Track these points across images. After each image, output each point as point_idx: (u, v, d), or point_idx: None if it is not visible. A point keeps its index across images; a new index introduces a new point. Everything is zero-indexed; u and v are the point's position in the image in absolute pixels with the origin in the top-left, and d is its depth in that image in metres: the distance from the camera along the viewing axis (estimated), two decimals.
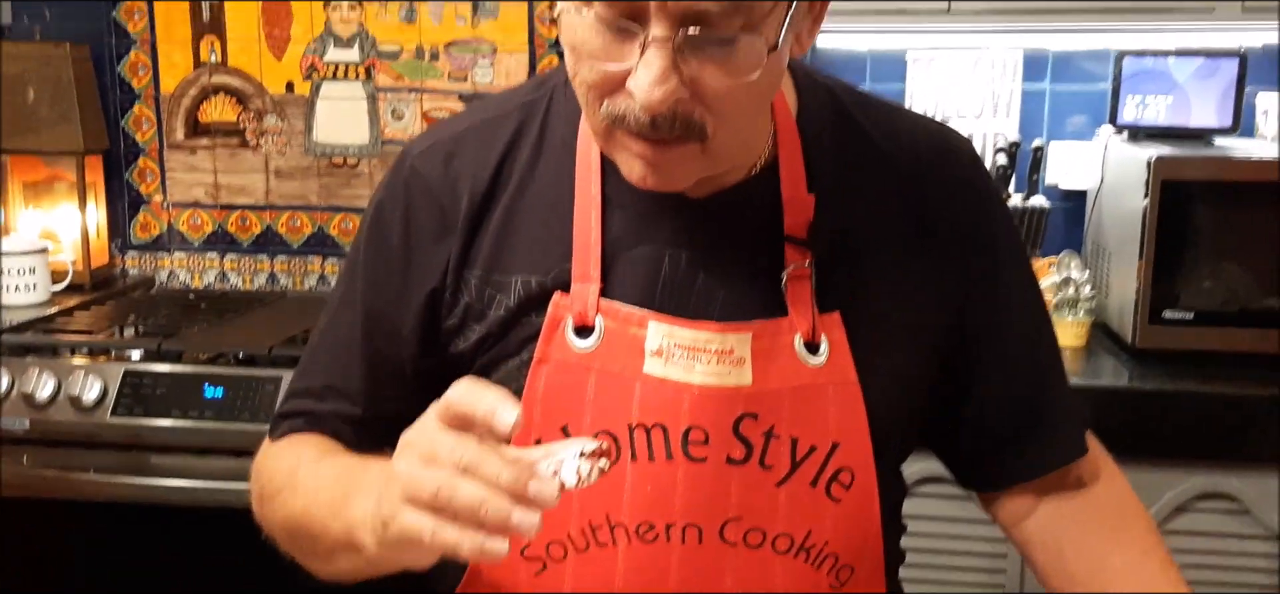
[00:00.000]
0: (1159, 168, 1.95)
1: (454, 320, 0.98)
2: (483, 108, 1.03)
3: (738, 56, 0.79)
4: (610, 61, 0.80)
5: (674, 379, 0.91)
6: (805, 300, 0.93)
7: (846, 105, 1.00)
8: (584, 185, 0.94)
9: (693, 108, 0.81)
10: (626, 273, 0.93)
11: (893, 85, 2.38)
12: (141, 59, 2.58)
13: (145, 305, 2.42)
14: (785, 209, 0.94)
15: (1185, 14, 2.00)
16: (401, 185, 1.00)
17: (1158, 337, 1.99)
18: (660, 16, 0.76)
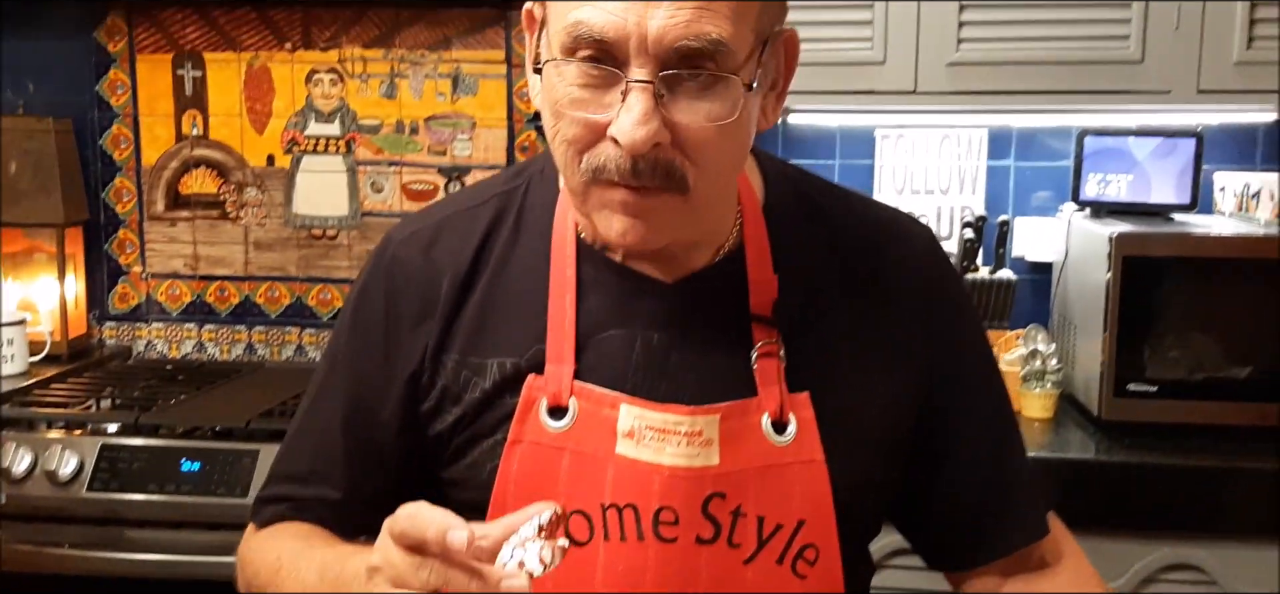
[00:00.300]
0: (1120, 244, 2.00)
1: (431, 403, 1.00)
2: (462, 197, 1.07)
3: (715, 97, 0.84)
4: (592, 111, 0.84)
5: (645, 460, 0.94)
6: (774, 380, 0.96)
7: (810, 194, 1.05)
8: (559, 270, 0.98)
9: (673, 155, 0.85)
10: (600, 355, 0.96)
11: (862, 161, 2.44)
12: (124, 132, 2.61)
13: (122, 376, 2.42)
14: (752, 290, 0.98)
15: (1143, 96, 2.07)
16: (383, 272, 1.04)
17: (1123, 409, 2.03)
18: (641, 59, 0.81)
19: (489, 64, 2.50)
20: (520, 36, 2.48)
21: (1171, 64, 2.04)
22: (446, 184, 2.55)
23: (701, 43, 0.81)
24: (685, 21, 0.81)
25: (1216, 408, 2.02)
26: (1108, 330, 2.02)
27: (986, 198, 2.42)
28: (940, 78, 2.09)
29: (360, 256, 2.58)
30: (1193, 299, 2.04)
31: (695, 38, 0.81)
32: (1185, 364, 2.03)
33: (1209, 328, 2.03)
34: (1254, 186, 2.15)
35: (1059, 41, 2.06)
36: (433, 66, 2.52)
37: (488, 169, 2.53)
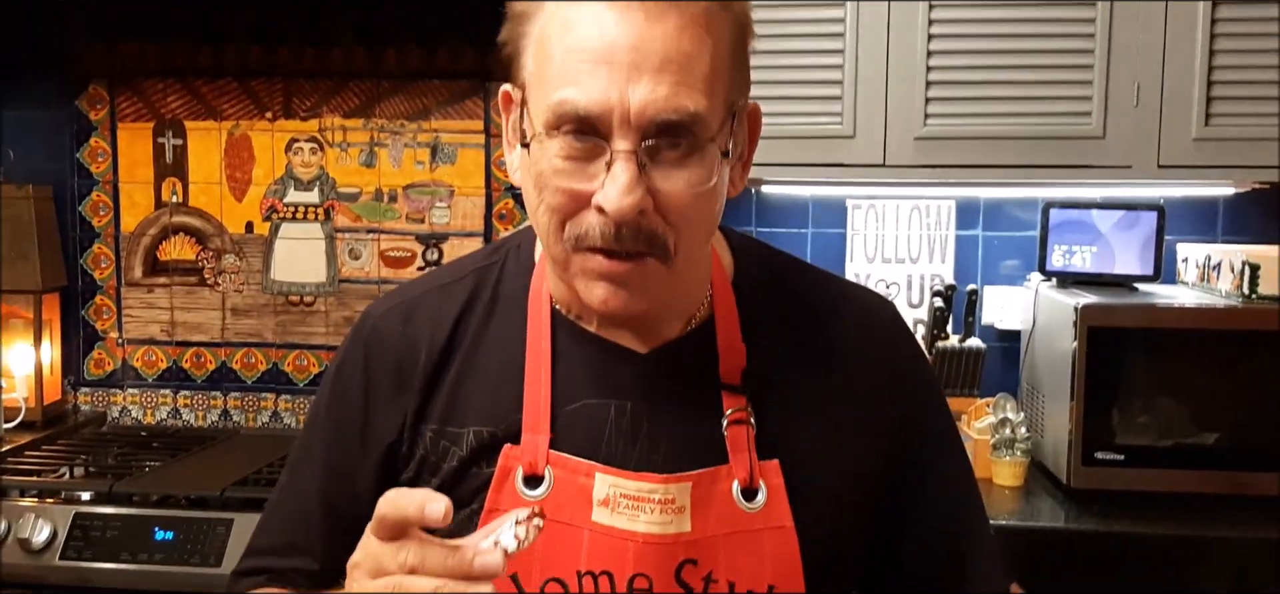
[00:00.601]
0: (1085, 314, 2.04)
1: (410, 473, 1.02)
2: (441, 273, 1.10)
3: (694, 165, 0.88)
4: (577, 182, 0.88)
5: (620, 528, 0.96)
6: (744, 447, 0.99)
7: (776, 269, 1.09)
8: (535, 341, 1.01)
9: (655, 221, 0.89)
10: (575, 425, 0.99)
11: (834, 229, 2.48)
12: (103, 199, 2.63)
13: (96, 444, 2.42)
14: (722, 359, 1.01)
15: (1104, 171, 2.12)
16: (362, 346, 1.06)
17: (1091, 478, 2.06)
18: (624, 131, 0.86)
19: (468, 133, 2.54)
20: (499, 108, 2.52)
21: (1132, 140, 2.10)
22: (424, 251, 2.58)
23: (680, 116, 0.86)
24: (665, 96, 0.85)
25: (1184, 476, 2.05)
26: (1074, 399, 2.05)
27: (955, 266, 2.47)
28: (908, 151, 2.14)
29: (337, 323, 2.60)
30: (1158, 369, 2.08)
31: (674, 111, 0.86)
32: (1152, 432, 2.07)
33: (1175, 397, 2.07)
34: (1215, 258, 2.20)
35: (1022, 118, 2.12)
36: (412, 136, 2.56)
37: (465, 236, 2.56)
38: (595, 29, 0.86)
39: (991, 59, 2.12)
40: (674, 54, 0.86)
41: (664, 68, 0.85)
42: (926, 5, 2.11)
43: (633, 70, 0.85)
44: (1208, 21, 2.07)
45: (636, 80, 0.85)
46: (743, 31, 0.93)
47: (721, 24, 0.90)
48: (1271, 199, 2.38)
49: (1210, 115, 2.09)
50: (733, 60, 0.91)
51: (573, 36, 0.87)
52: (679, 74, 0.86)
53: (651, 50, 0.85)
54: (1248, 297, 2.07)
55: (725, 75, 0.90)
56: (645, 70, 0.85)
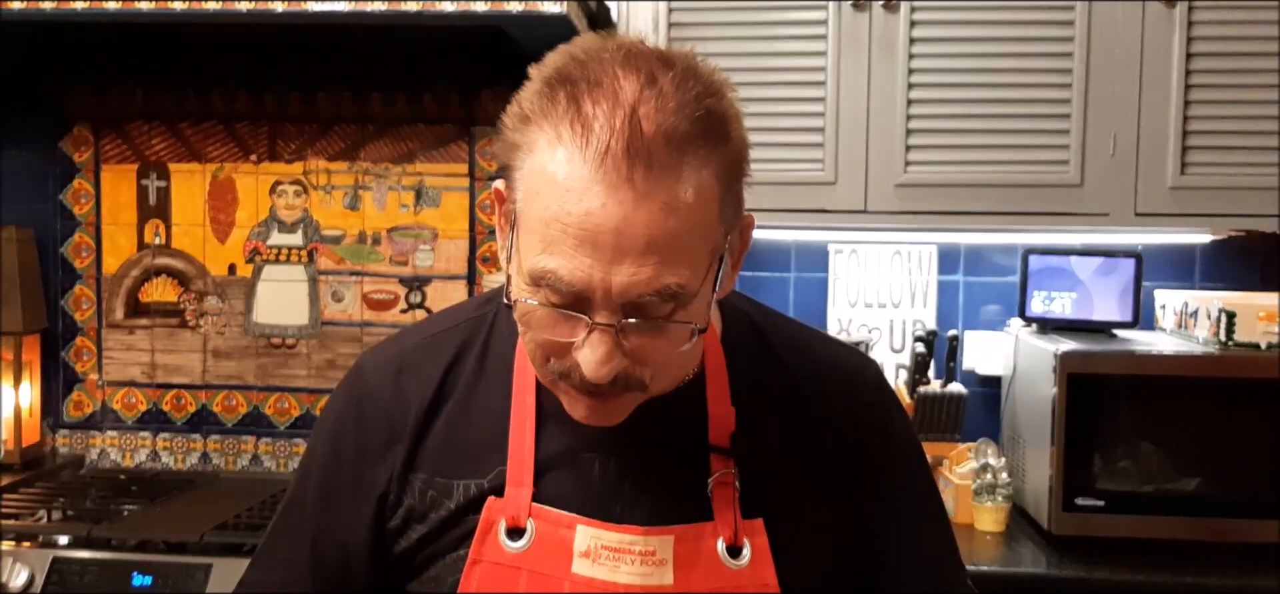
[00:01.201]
0: (1065, 361, 2.06)
1: (397, 521, 1.03)
2: (432, 322, 1.12)
3: (671, 334, 0.89)
4: (559, 336, 0.90)
5: (601, 579, 0.97)
6: (729, 505, 0.99)
7: (764, 330, 1.10)
8: (521, 396, 1.02)
9: (635, 370, 0.91)
10: (558, 479, 1.00)
11: (816, 274, 2.50)
12: (85, 240, 2.62)
13: (75, 487, 2.39)
14: (711, 421, 1.02)
15: (1083, 219, 2.15)
16: (355, 402, 1.08)
17: (1072, 524, 2.07)
18: (604, 307, 0.87)
19: (452, 177, 2.55)
20: (484, 151, 2.54)
21: (1109, 189, 2.13)
22: (407, 294, 2.58)
23: (662, 291, 0.86)
24: (646, 279, 0.85)
25: (1164, 523, 2.06)
26: (1055, 445, 2.06)
27: (937, 312, 2.48)
28: (889, 198, 2.16)
29: (319, 365, 2.59)
30: (1138, 415, 2.10)
31: (656, 292, 0.86)
32: (1133, 479, 2.08)
33: (1155, 443, 2.09)
34: (1192, 305, 2.22)
35: (1001, 165, 2.15)
36: (396, 179, 2.57)
37: (449, 279, 2.57)
38: (582, 205, 0.84)
39: (971, 108, 2.15)
40: (659, 236, 0.84)
41: (648, 251, 0.84)
42: (907, 55, 2.14)
43: (616, 253, 0.84)
44: (1182, 73, 2.10)
45: (619, 263, 0.85)
46: (735, 170, 0.91)
47: (711, 182, 0.87)
48: (1247, 247, 2.42)
49: (1186, 165, 2.12)
50: (722, 207, 0.90)
51: (559, 206, 0.85)
52: (662, 255, 0.85)
53: (636, 234, 0.84)
54: (1225, 343, 2.09)
55: (713, 231, 0.89)
56: (629, 254, 0.84)
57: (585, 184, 0.84)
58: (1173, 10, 2.10)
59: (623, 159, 0.83)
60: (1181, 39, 2.10)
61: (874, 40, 2.14)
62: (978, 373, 2.48)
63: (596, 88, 0.85)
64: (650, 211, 0.84)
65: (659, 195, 0.84)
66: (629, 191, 0.83)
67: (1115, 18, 2.11)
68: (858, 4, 2.13)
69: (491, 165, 2.54)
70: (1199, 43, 2.11)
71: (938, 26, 2.14)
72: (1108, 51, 2.11)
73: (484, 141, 2.54)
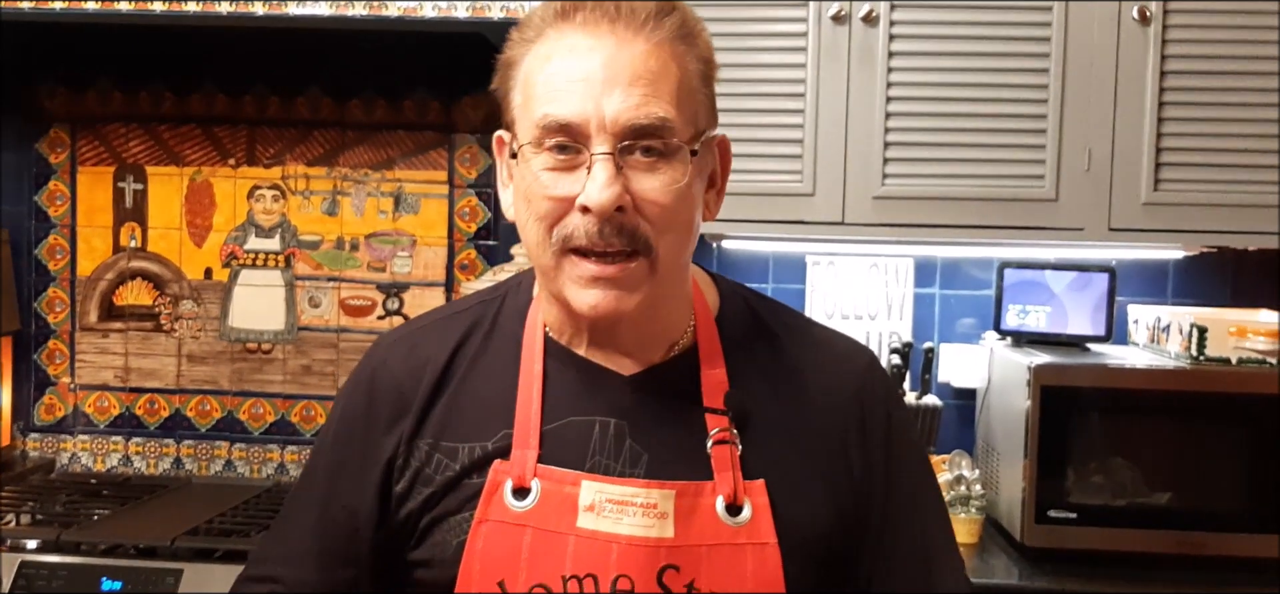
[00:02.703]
0: (1039, 374, 2.08)
1: (403, 485, 1.07)
2: (445, 308, 1.19)
3: (666, 167, 0.98)
4: (561, 188, 0.98)
5: (604, 531, 1.00)
6: (728, 465, 1.03)
7: (760, 311, 1.15)
8: (527, 364, 1.08)
9: (636, 220, 0.98)
10: (562, 440, 1.05)
11: (794, 286, 2.51)
12: (60, 243, 2.60)
13: (44, 491, 2.37)
14: (704, 383, 1.06)
15: (1057, 233, 2.17)
16: (368, 375, 1.13)
17: (1044, 536, 2.08)
18: (601, 137, 0.97)
19: (431, 184, 2.55)
20: (463, 158, 2.54)
21: (1084, 203, 2.15)
22: (385, 300, 2.57)
23: (651, 120, 0.97)
24: (635, 104, 0.97)
25: (1136, 536, 2.07)
26: (1028, 457, 2.08)
27: (913, 324, 2.50)
28: (866, 210, 2.17)
29: (295, 371, 2.58)
30: (1110, 428, 2.11)
31: (645, 118, 0.97)
32: (1105, 492, 2.09)
33: (1127, 457, 2.10)
34: (1165, 320, 2.25)
35: (977, 179, 2.16)
36: (375, 185, 2.56)
37: (427, 286, 2.56)
38: (571, 55, 0.98)
39: (948, 122, 2.16)
40: (642, 71, 0.97)
41: (634, 81, 0.97)
42: (885, 68, 2.16)
43: (606, 84, 0.96)
44: (1156, 89, 2.13)
45: (610, 92, 0.96)
46: (707, 67, 1.04)
47: (685, 56, 1.01)
48: (1219, 263, 2.45)
49: (1159, 181, 2.14)
50: (700, 90, 1.02)
51: (552, 65, 0.99)
52: (648, 87, 0.97)
53: (622, 67, 0.97)
54: (1196, 358, 2.11)
55: (691, 98, 1.01)
56: (618, 84, 0.96)
57: (573, 42, 0.98)
58: (1148, 28, 2.12)
59: (603, 20, 0.99)
60: (1156, 56, 2.13)
61: (853, 53, 2.16)
62: (953, 385, 2.49)
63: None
64: (634, 52, 0.98)
65: (640, 42, 0.98)
66: (612, 37, 0.98)
67: (1091, 34, 2.13)
68: (837, 17, 2.15)
69: (471, 172, 2.54)
70: (1173, 60, 2.13)
71: (916, 40, 2.16)
72: (1083, 68, 2.14)
73: (464, 148, 2.54)
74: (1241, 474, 2.07)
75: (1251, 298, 2.42)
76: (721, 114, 1.09)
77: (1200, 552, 2.05)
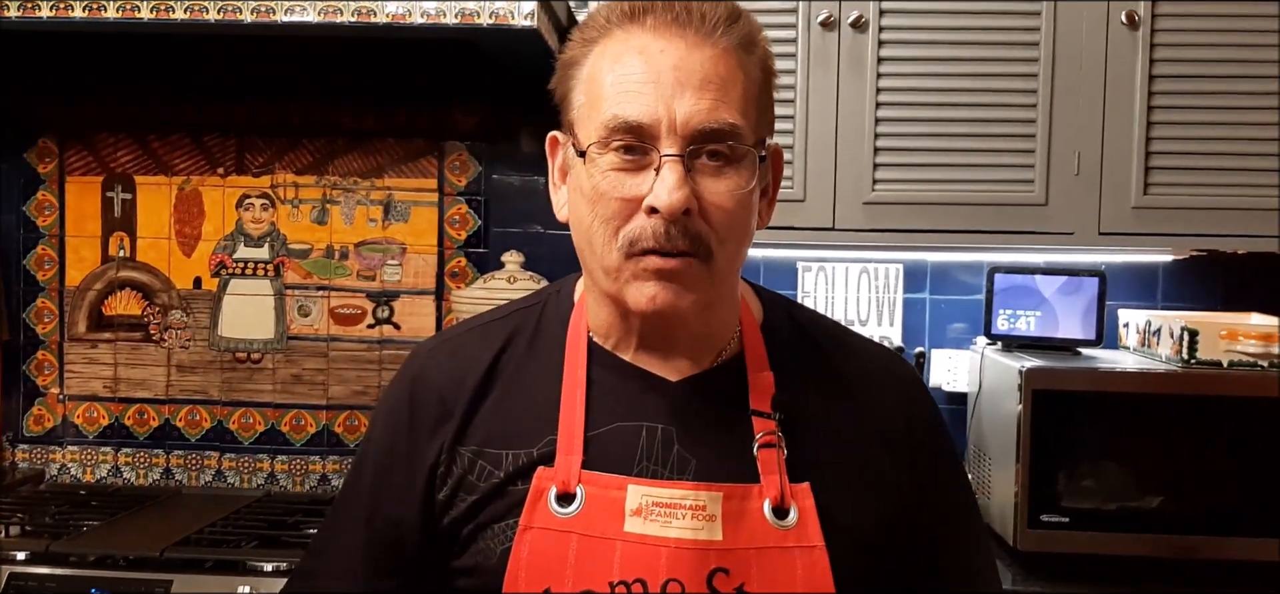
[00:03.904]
0: (1030, 378, 2.07)
1: (447, 492, 1.06)
2: (485, 314, 1.18)
3: (732, 173, 0.99)
4: (629, 189, 0.98)
5: (652, 535, 1.00)
6: (775, 468, 1.03)
7: (803, 322, 1.15)
8: (572, 369, 1.07)
9: (700, 223, 0.98)
10: (607, 446, 1.04)
11: (785, 291, 2.48)
12: (48, 253, 2.59)
13: (33, 502, 2.36)
14: (751, 387, 1.06)
15: (1047, 238, 2.17)
16: (409, 383, 1.12)
17: (1037, 540, 2.08)
18: (671, 139, 0.97)
19: (421, 192, 2.54)
20: (453, 166, 2.53)
21: (1073, 208, 2.16)
22: (375, 309, 2.57)
23: (721, 125, 0.98)
24: (707, 109, 0.97)
25: (1129, 539, 2.07)
26: (1020, 462, 2.08)
27: (904, 329, 2.50)
28: (856, 216, 2.17)
29: (285, 380, 2.57)
30: (1102, 432, 2.11)
31: (715, 122, 0.98)
32: (1097, 496, 2.09)
33: (1119, 460, 2.10)
34: (1155, 324, 2.25)
35: (967, 184, 2.17)
36: (365, 193, 2.55)
37: (417, 294, 2.55)
38: (641, 57, 0.98)
39: (937, 127, 2.17)
40: (712, 76, 0.98)
41: (705, 86, 0.98)
42: (875, 75, 2.16)
43: (677, 87, 0.97)
44: (1145, 94, 2.13)
45: (681, 95, 0.97)
46: (768, 74, 1.05)
47: (750, 63, 1.02)
48: (1209, 266, 2.45)
49: (1149, 184, 2.15)
50: (761, 97, 1.03)
51: (621, 66, 0.99)
52: (718, 92, 0.98)
53: (693, 71, 0.98)
54: (1187, 361, 2.11)
55: (755, 105, 1.02)
56: (688, 87, 0.97)
57: (643, 44, 0.99)
58: (1136, 32, 2.13)
59: (674, 24, 0.99)
60: (1145, 60, 2.13)
61: (843, 60, 2.16)
62: (944, 390, 2.49)
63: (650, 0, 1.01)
64: (704, 56, 0.98)
65: (708, 47, 0.99)
66: (682, 41, 0.98)
67: (1080, 38, 2.14)
68: (826, 22, 2.15)
69: (461, 180, 2.54)
70: (1162, 64, 2.14)
71: (905, 46, 2.16)
72: (1072, 72, 2.14)
73: (454, 156, 2.53)
74: (1233, 478, 2.07)
75: (1242, 301, 2.42)
76: None
77: (1193, 556, 2.05)
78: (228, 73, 2.53)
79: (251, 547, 2.05)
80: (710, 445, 1.04)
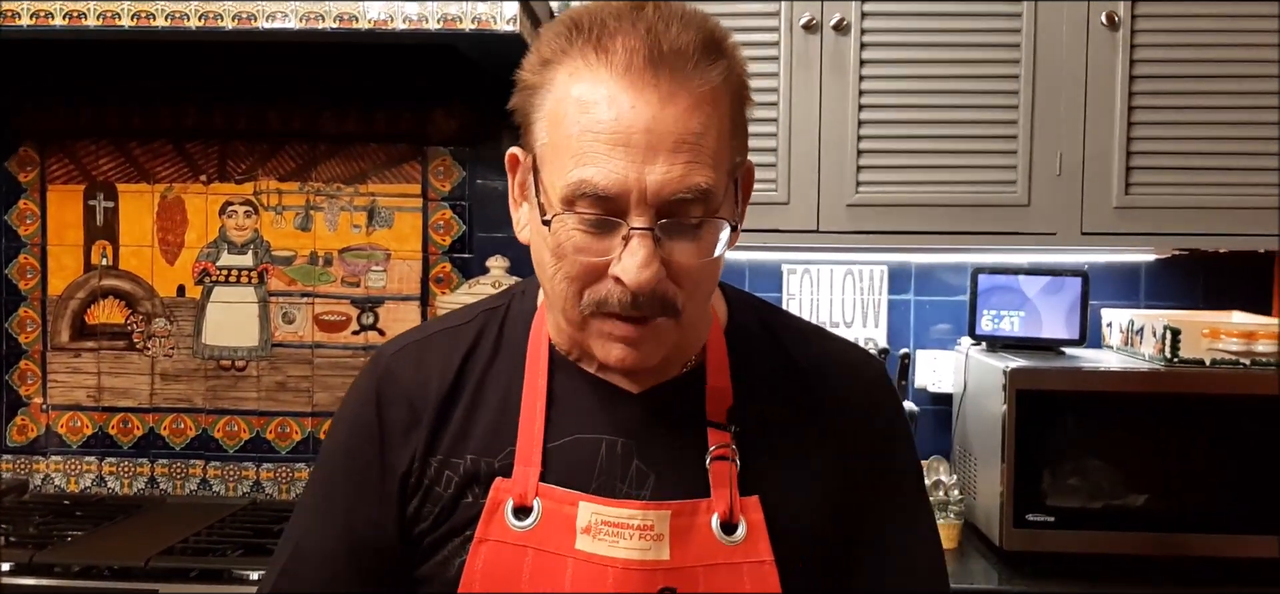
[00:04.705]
0: (1014, 378, 2.08)
1: (415, 503, 1.04)
2: (450, 317, 1.15)
3: (704, 237, 0.94)
4: (595, 255, 0.93)
5: (601, 554, 0.99)
6: (726, 482, 1.01)
7: (769, 322, 1.13)
8: (532, 380, 1.05)
9: (668, 286, 0.94)
10: (567, 459, 1.02)
11: (770, 294, 2.51)
12: (30, 262, 2.58)
13: (17, 513, 2.34)
14: (708, 397, 1.04)
15: (1030, 238, 2.18)
16: (375, 387, 1.08)
17: (1023, 539, 2.08)
18: (641, 210, 0.91)
19: (405, 197, 2.54)
20: (437, 171, 2.53)
21: (1056, 208, 2.17)
22: (359, 315, 2.56)
23: (693, 193, 0.91)
24: (679, 176, 0.90)
25: (1114, 538, 2.08)
26: (1005, 462, 2.08)
27: (888, 330, 2.50)
28: (841, 218, 2.18)
29: (269, 388, 2.56)
30: (1086, 431, 2.12)
31: (688, 190, 0.91)
32: (1082, 495, 2.10)
33: (1103, 459, 2.11)
34: (1138, 323, 2.26)
35: (950, 186, 2.17)
36: (349, 199, 2.55)
37: (402, 300, 2.55)
38: (612, 111, 0.90)
39: (920, 129, 2.17)
40: (686, 135, 0.90)
41: (677, 149, 0.90)
42: (857, 77, 2.16)
43: (649, 152, 0.90)
44: (1126, 94, 2.15)
45: (652, 161, 0.90)
46: (741, 96, 0.98)
47: (724, 96, 0.94)
48: (1190, 265, 2.46)
49: (1130, 184, 2.16)
50: (733, 127, 0.96)
51: (589, 118, 0.91)
52: (691, 154, 0.90)
53: (666, 132, 0.90)
54: (1170, 360, 2.12)
55: (728, 145, 0.95)
56: (660, 152, 0.90)
57: (613, 92, 0.90)
58: (1116, 32, 2.14)
59: (646, 68, 0.90)
60: (1125, 61, 2.14)
61: (825, 62, 2.17)
62: (929, 391, 2.50)
63: (613, 20, 0.92)
64: (676, 112, 0.90)
65: (682, 98, 0.90)
66: (655, 94, 0.90)
67: (1060, 39, 2.15)
68: (809, 25, 2.15)
69: (445, 185, 2.53)
70: (1142, 64, 2.15)
71: (887, 49, 2.17)
72: (1053, 73, 2.15)
73: (437, 161, 2.53)
74: (1216, 475, 2.08)
75: (1224, 300, 2.44)
76: None
77: (1177, 553, 2.06)
78: (209, 79, 2.52)
79: (237, 555, 2.04)
80: (669, 460, 1.02)
